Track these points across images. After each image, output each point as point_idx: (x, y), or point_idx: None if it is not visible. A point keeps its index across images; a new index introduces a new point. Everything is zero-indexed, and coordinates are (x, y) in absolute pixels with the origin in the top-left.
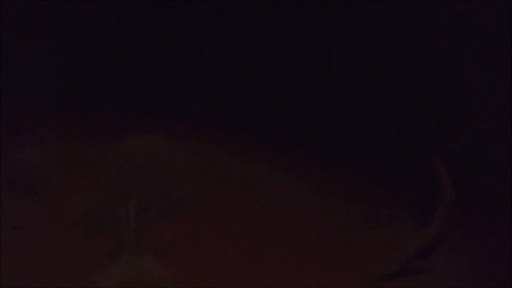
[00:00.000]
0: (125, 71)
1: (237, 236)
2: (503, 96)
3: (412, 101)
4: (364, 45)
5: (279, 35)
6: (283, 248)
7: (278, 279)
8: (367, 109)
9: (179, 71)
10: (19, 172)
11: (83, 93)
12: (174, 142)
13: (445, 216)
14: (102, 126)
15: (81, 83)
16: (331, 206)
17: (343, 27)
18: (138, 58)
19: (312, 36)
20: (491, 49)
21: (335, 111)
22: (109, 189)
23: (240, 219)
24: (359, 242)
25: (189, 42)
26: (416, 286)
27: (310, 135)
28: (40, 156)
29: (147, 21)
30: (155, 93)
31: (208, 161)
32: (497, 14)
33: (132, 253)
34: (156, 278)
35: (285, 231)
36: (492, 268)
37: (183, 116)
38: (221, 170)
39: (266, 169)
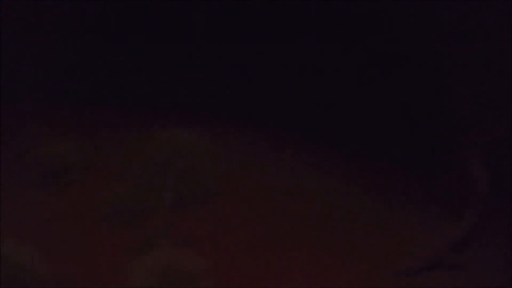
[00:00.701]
0: (158, 65)
1: (267, 229)
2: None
3: (440, 93)
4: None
5: (308, 29)
6: (311, 242)
7: (305, 273)
8: (395, 101)
9: (210, 65)
10: (52, 165)
11: (115, 87)
12: (205, 135)
13: (478, 210)
14: (134, 120)
15: (112, 77)
16: (359, 200)
17: (362, 26)
18: (170, 51)
19: (339, 32)
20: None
21: (361, 105)
22: (142, 180)
23: (270, 212)
24: (388, 236)
25: (220, 38)
26: (446, 283)
27: (337, 128)
28: (73, 148)
29: (180, 12)
30: (186, 87)
31: (239, 154)
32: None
33: (164, 244)
34: (188, 270)
35: (313, 225)
36: None
37: (214, 110)
38: (252, 163)
39: (294, 163)
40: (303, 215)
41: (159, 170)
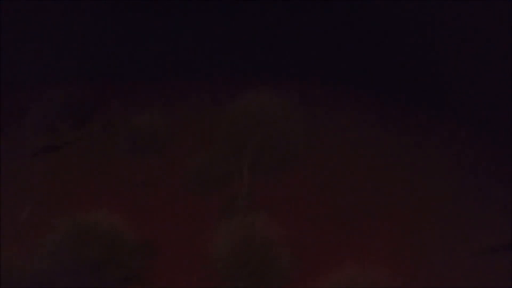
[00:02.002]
0: (239, 33)
1: (347, 197)
2: None
3: None
4: None
5: None
6: (390, 214)
7: (382, 246)
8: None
9: (292, 31)
10: (140, 134)
11: (197, 55)
12: (286, 101)
13: None
14: (216, 87)
15: (193, 46)
16: (446, 170)
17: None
18: (253, 19)
19: None
20: None
21: (463, 79)
22: (223, 146)
23: (351, 180)
24: (474, 210)
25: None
26: None
27: (433, 98)
28: (159, 118)
29: None
30: (267, 53)
31: (320, 120)
32: None
33: (244, 210)
34: (267, 236)
35: (394, 197)
36: None
37: (295, 76)
38: (333, 129)
39: (380, 133)
40: (384, 186)
41: (240, 136)
